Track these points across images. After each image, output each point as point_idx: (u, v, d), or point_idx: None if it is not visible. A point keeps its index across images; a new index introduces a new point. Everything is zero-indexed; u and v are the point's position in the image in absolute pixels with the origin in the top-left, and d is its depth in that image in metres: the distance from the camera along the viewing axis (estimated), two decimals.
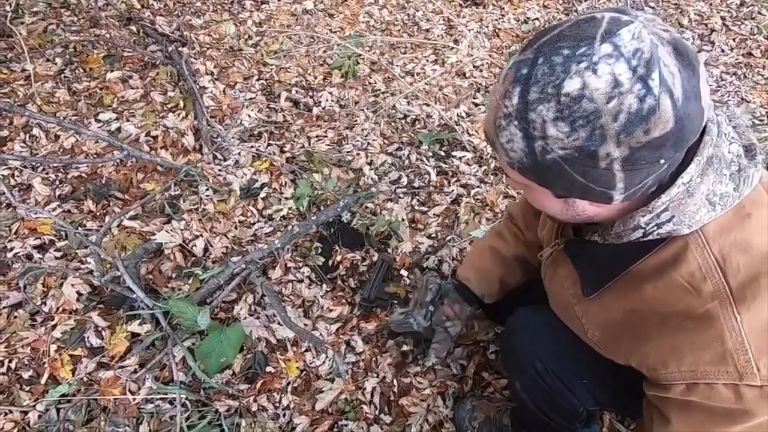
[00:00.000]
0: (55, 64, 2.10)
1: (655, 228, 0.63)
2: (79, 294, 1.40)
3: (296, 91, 2.22)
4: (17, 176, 1.69)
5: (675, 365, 0.66)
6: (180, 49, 2.28)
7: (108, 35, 2.27)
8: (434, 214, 1.78)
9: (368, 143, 2.01)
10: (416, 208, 1.80)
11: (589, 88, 0.52)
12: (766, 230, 0.63)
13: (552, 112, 0.54)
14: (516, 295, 1.19)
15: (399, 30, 2.74)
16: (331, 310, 1.48)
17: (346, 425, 1.25)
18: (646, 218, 0.63)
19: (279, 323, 1.40)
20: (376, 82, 2.34)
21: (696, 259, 0.63)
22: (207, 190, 1.73)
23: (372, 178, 1.87)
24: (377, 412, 1.28)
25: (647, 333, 0.69)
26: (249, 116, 2.04)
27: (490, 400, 1.28)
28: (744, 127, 0.66)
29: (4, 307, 1.36)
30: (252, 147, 1.92)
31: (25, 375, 1.25)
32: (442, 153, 2.01)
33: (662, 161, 0.56)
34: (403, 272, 1.59)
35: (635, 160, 0.54)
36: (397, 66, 2.45)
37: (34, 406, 1.20)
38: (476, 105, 2.28)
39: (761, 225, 0.63)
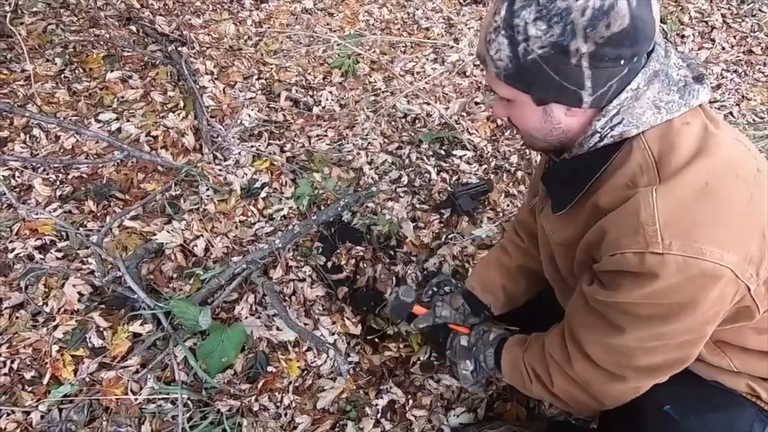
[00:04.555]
0: (55, 64, 2.10)
1: (609, 131, 0.73)
2: (81, 294, 1.40)
3: (296, 91, 2.22)
4: (18, 177, 1.69)
5: (606, 247, 0.73)
6: (180, 48, 2.28)
7: (108, 35, 2.27)
8: (435, 213, 1.78)
9: (368, 142, 2.01)
10: (417, 206, 1.80)
11: None
12: (698, 135, 0.72)
13: (533, 14, 0.65)
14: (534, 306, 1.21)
15: (399, 29, 2.74)
16: (332, 311, 1.48)
17: (347, 425, 1.25)
18: (601, 122, 0.73)
19: (280, 324, 1.40)
20: (376, 81, 2.33)
21: (638, 160, 0.72)
22: (207, 190, 1.73)
23: (372, 178, 1.87)
24: (379, 416, 1.28)
25: (598, 235, 0.75)
26: (249, 116, 2.04)
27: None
28: (695, 64, 0.77)
29: (5, 308, 1.36)
30: (252, 147, 1.92)
31: (27, 375, 1.25)
32: (443, 152, 2.01)
33: (622, 61, 0.67)
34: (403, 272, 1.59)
35: (600, 57, 0.66)
36: (397, 65, 2.45)
37: (37, 406, 1.20)
38: (477, 104, 2.27)
39: (695, 130, 0.72)
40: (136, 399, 1.22)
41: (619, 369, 0.80)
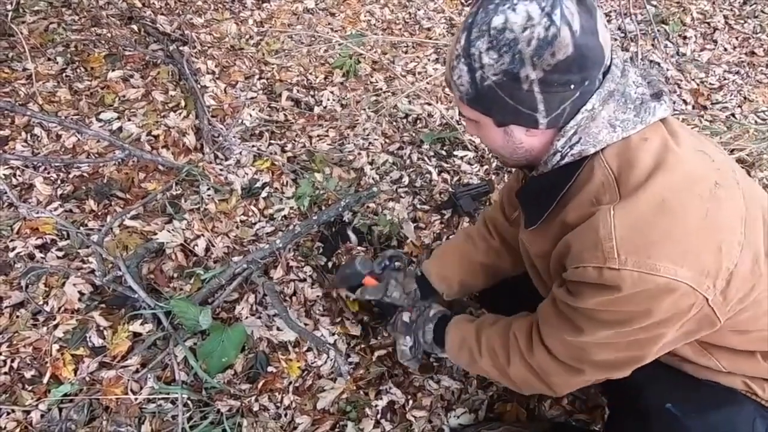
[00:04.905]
0: (57, 63, 2.10)
1: (568, 150, 0.78)
2: (81, 294, 1.40)
3: (297, 91, 2.22)
4: (19, 176, 1.69)
5: (571, 260, 0.77)
6: (181, 48, 2.28)
7: (109, 34, 2.27)
8: (436, 214, 1.78)
9: (369, 143, 2.01)
10: (418, 207, 1.80)
11: (510, 22, 0.68)
12: (655, 150, 0.75)
13: (485, 44, 0.70)
14: (506, 287, 1.26)
15: (400, 29, 2.73)
16: (333, 311, 1.48)
17: (347, 425, 1.25)
18: (561, 142, 0.78)
19: (280, 324, 1.40)
20: (377, 82, 2.33)
21: (600, 178, 0.76)
22: (208, 189, 1.73)
23: (373, 178, 1.86)
24: (379, 417, 1.28)
25: (564, 249, 0.80)
26: (250, 115, 2.03)
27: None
28: (656, 81, 0.79)
29: (6, 307, 1.36)
30: (253, 146, 1.92)
31: (28, 374, 1.25)
32: (444, 152, 2.01)
33: (572, 86, 0.71)
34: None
35: (549, 83, 0.70)
36: (398, 65, 2.45)
37: (37, 405, 1.20)
38: None
39: (653, 146, 0.75)
40: (136, 399, 1.22)
41: (578, 363, 0.85)
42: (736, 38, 2.82)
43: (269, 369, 1.33)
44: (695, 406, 0.86)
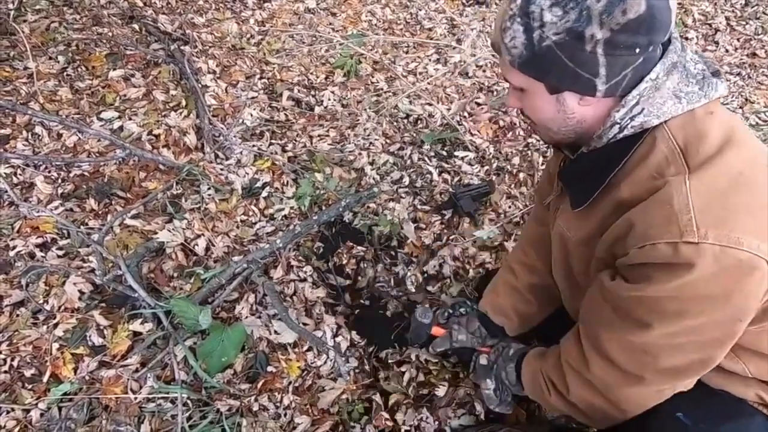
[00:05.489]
0: (58, 62, 2.11)
1: (629, 121, 0.72)
2: (81, 293, 1.40)
3: (298, 90, 2.22)
4: (20, 174, 1.69)
5: (635, 239, 0.70)
6: (182, 47, 2.28)
7: (110, 33, 2.27)
8: (437, 214, 1.77)
9: (370, 143, 2.01)
10: (418, 207, 1.80)
11: None
12: (723, 125, 0.71)
13: (549, 0, 0.65)
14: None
15: (401, 29, 2.73)
16: (334, 312, 1.48)
17: (347, 426, 1.25)
18: (621, 113, 0.72)
19: (280, 324, 1.40)
20: (378, 82, 2.33)
21: (663, 150, 0.71)
22: (209, 189, 1.73)
23: (374, 178, 1.86)
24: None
25: (624, 228, 0.73)
26: (251, 115, 2.03)
27: None
28: (711, 62, 0.76)
29: (6, 306, 1.36)
30: (254, 146, 1.92)
31: (27, 373, 1.25)
32: (444, 153, 2.01)
33: (637, 50, 0.67)
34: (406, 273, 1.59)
35: (615, 44, 0.66)
36: (399, 65, 2.45)
37: (36, 404, 1.20)
38: (479, 105, 2.27)
39: (720, 120, 0.72)
40: (135, 398, 1.22)
41: (640, 370, 0.77)
42: (738, 40, 2.82)
43: (269, 369, 1.32)
44: (705, 416, 0.80)
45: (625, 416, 0.84)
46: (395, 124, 2.11)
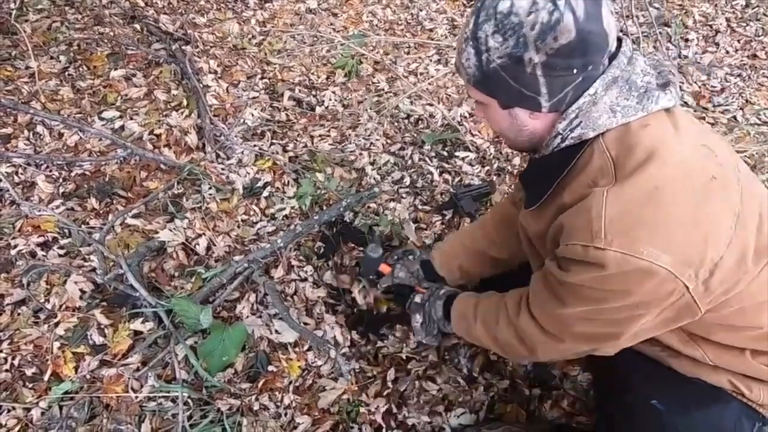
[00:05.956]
0: (59, 61, 2.11)
1: (569, 132, 0.80)
2: (82, 292, 1.40)
3: (299, 90, 2.22)
4: (21, 174, 1.70)
5: (563, 237, 0.80)
6: (183, 47, 2.29)
7: (112, 33, 2.28)
8: (437, 215, 1.78)
9: (371, 143, 2.01)
10: (419, 208, 1.80)
11: (515, 6, 0.71)
12: (653, 139, 0.76)
13: (492, 27, 0.73)
14: (507, 277, 1.28)
15: (402, 29, 2.74)
16: (335, 311, 1.48)
17: (347, 425, 1.25)
18: (563, 125, 0.80)
19: (281, 324, 1.40)
20: (379, 82, 2.33)
21: (598, 162, 0.78)
22: (210, 188, 1.73)
23: (374, 178, 1.87)
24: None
25: (558, 228, 0.82)
26: (252, 115, 2.04)
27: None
28: (667, 72, 0.81)
29: (7, 305, 1.36)
30: (255, 146, 1.92)
31: (28, 372, 1.25)
32: (445, 153, 2.01)
33: (575, 70, 0.73)
34: None
35: (552, 66, 0.73)
36: (400, 66, 2.45)
37: (37, 403, 1.20)
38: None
39: (651, 134, 0.76)
40: (136, 397, 1.22)
41: (558, 333, 0.89)
42: (738, 41, 2.82)
43: (270, 368, 1.33)
44: (680, 403, 0.88)
45: (537, 358, 1.02)
46: (396, 124, 2.12)
